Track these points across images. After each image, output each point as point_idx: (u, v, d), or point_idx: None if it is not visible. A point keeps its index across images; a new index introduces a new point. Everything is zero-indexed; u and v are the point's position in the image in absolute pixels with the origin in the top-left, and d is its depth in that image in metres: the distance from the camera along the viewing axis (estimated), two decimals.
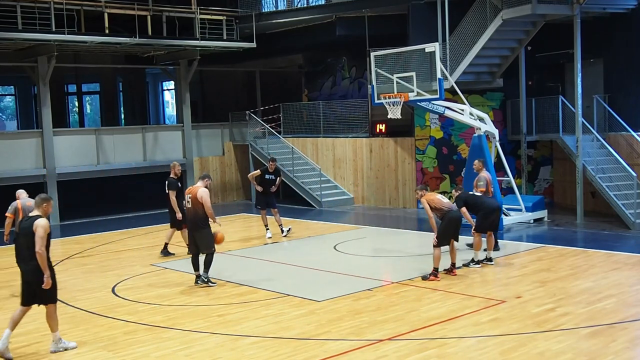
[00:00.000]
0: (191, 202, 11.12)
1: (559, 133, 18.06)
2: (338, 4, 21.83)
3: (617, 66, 18.21)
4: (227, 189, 24.31)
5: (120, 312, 9.90)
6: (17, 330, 9.22)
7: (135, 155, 21.91)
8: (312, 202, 21.38)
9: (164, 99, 32.44)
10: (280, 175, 16.18)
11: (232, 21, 22.16)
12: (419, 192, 11.69)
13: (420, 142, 19.65)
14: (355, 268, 12.35)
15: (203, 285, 11.21)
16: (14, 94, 30.95)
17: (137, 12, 19.82)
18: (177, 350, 8.19)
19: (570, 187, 18.71)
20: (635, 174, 15.94)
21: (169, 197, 13.84)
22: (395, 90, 15.92)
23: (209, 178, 11.61)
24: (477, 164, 13.10)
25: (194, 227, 11.20)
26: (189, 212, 11.29)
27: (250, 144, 23.67)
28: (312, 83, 25.61)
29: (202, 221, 11.10)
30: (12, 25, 17.82)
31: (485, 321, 8.89)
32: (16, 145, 19.68)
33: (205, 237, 11.18)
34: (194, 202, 11.08)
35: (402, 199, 20.22)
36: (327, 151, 22.56)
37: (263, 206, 15.88)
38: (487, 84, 19.44)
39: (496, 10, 17.16)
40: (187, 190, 11.47)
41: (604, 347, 7.76)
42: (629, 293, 10.13)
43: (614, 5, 17.46)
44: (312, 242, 15.47)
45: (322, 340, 8.36)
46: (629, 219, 15.69)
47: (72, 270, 13.25)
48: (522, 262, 12.39)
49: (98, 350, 8.29)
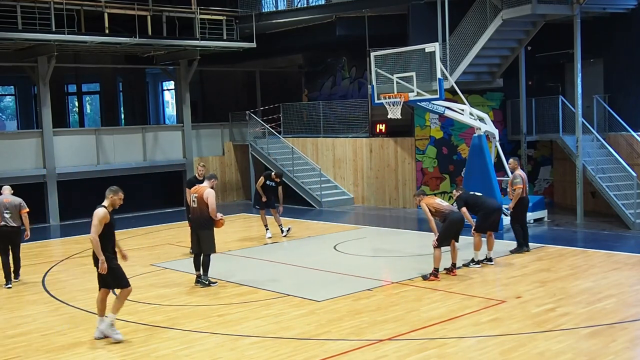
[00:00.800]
0: (197, 201, 11.15)
1: (559, 133, 18.07)
2: (338, 4, 21.84)
3: (617, 66, 18.21)
4: (227, 189, 24.31)
5: (120, 312, 9.87)
6: (17, 330, 9.25)
7: (135, 155, 21.92)
8: (312, 202, 21.38)
9: (164, 99, 32.44)
10: (281, 184, 16.07)
11: (232, 21, 22.16)
12: (417, 197, 11.71)
13: (420, 142, 19.65)
14: (355, 268, 12.35)
15: (204, 286, 11.21)
16: (14, 94, 30.96)
17: (137, 12, 19.82)
18: (177, 350, 8.19)
19: (570, 187, 18.72)
20: (635, 174, 15.94)
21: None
22: (395, 90, 15.92)
23: (216, 178, 11.68)
24: (512, 162, 13.52)
25: (199, 227, 11.24)
26: (194, 212, 11.32)
27: (250, 144, 23.67)
28: (312, 83, 25.60)
29: (206, 221, 11.12)
30: (12, 25, 17.82)
31: (485, 321, 8.89)
32: (16, 145, 19.69)
33: (208, 237, 11.21)
34: (199, 201, 11.12)
35: (402, 199, 20.22)
36: (327, 151, 22.56)
37: (262, 206, 15.88)
38: (487, 84, 19.43)
39: (496, 10, 17.16)
40: (193, 189, 11.49)
41: (604, 347, 7.76)
42: (629, 293, 10.13)
43: (614, 5, 17.46)
44: (312, 242, 15.47)
45: (322, 340, 8.36)
46: (629, 219, 15.69)
47: (72, 270, 13.26)
48: (522, 262, 12.38)
49: (98, 350, 8.29)
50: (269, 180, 15.76)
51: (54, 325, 9.43)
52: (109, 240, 8.57)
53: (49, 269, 13.21)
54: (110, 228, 8.59)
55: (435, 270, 11.18)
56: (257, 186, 15.99)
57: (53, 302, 10.73)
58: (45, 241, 16.76)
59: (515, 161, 13.50)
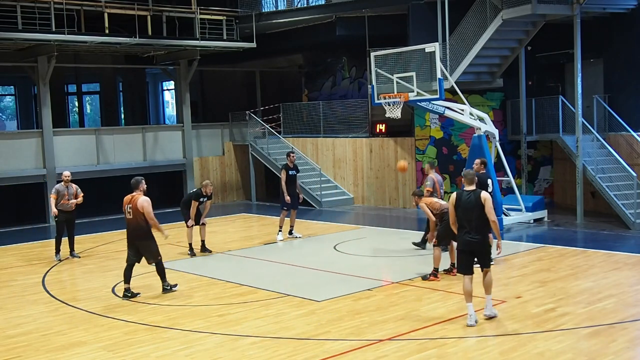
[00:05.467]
0: (132, 212, 10.58)
1: (559, 133, 18.07)
2: (338, 4, 21.84)
3: (617, 66, 18.22)
4: (227, 189, 24.31)
5: (120, 312, 9.90)
6: (17, 330, 9.25)
7: (135, 155, 21.92)
8: (312, 202, 21.38)
9: (164, 99, 32.44)
10: (298, 171, 15.60)
11: (232, 21, 22.16)
12: (415, 198, 11.68)
13: (420, 142, 19.66)
14: (355, 268, 12.35)
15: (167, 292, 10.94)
16: (14, 94, 30.96)
17: (137, 12, 19.82)
18: (177, 350, 8.19)
19: (570, 187, 18.72)
20: (635, 174, 15.94)
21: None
22: (395, 90, 15.93)
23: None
24: (427, 167, 13.48)
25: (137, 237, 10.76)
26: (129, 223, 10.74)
27: (250, 144, 23.67)
28: (312, 83, 25.60)
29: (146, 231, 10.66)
30: (12, 25, 17.82)
31: (485, 321, 8.88)
32: (16, 145, 19.68)
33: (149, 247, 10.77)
34: (134, 212, 10.55)
35: (402, 199, 20.22)
36: (327, 151, 22.56)
37: (288, 207, 15.26)
38: (487, 84, 19.44)
39: (496, 10, 17.16)
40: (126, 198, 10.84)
41: (604, 347, 7.76)
42: (629, 293, 10.13)
43: (614, 5, 17.46)
44: (312, 242, 15.47)
45: (322, 340, 8.36)
46: (629, 219, 15.69)
47: (72, 270, 13.26)
48: (522, 262, 12.39)
49: (98, 350, 8.29)
50: (290, 170, 15.22)
51: (54, 325, 9.44)
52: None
53: (49, 269, 13.21)
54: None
55: (435, 270, 11.18)
56: (282, 183, 15.19)
57: (53, 302, 10.73)
58: (45, 241, 16.75)
59: (428, 165, 13.49)
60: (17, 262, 14.22)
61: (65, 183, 13.82)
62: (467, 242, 8.77)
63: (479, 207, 8.66)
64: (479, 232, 8.71)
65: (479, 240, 8.72)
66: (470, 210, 8.71)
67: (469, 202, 8.74)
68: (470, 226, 8.71)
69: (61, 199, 13.70)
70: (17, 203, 20.61)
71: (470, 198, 8.75)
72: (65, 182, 13.82)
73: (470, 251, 8.80)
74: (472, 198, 8.74)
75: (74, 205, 13.92)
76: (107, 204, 21.68)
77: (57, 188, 13.84)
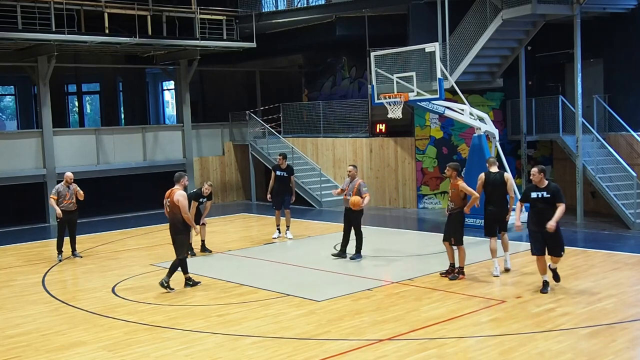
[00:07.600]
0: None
1: (559, 133, 18.06)
2: (338, 4, 21.84)
3: (617, 66, 18.21)
4: (227, 189, 24.30)
5: (120, 312, 9.90)
6: (17, 330, 9.25)
7: (135, 155, 21.91)
8: (312, 202, 21.38)
9: (164, 99, 32.43)
10: (292, 174, 15.72)
11: (232, 21, 22.15)
12: (450, 171, 11.21)
13: (420, 142, 19.66)
14: (355, 268, 12.35)
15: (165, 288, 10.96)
16: (14, 94, 30.96)
17: (137, 12, 19.81)
18: (177, 350, 8.19)
19: (570, 187, 18.69)
20: (635, 174, 15.94)
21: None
22: (395, 90, 15.92)
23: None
24: (352, 169, 13.14)
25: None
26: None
27: (250, 144, 23.67)
28: (312, 83, 25.60)
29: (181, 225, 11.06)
30: (12, 25, 17.80)
31: (485, 321, 8.89)
32: (16, 145, 19.67)
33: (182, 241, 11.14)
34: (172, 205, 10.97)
35: (402, 199, 20.22)
36: (327, 151, 22.56)
37: (278, 206, 15.64)
38: (487, 84, 19.43)
39: (496, 10, 17.16)
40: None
41: (604, 347, 7.76)
42: (629, 293, 10.13)
43: (614, 5, 17.46)
44: (312, 242, 15.47)
45: (322, 340, 8.36)
46: (629, 219, 15.69)
47: (72, 270, 13.26)
48: (522, 262, 12.37)
49: (98, 350, 8.28)
50: (279, 171, 15.44)
51: (53, 325, 9.43)
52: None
53: (49, 269, 13.21)
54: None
55: (461, 268, 11.18)
56: (270, 182, 15.55)
57: (53, 302, 10.72)
58: (45, 241, 16.75)
59: (354, 169, 13.19)
60: (16, 262, 14.21)
61: (66, 184, 13.84)
62: (492, 212, 11.20)
63: (503, 185, 11.23)
64: (501, 204, 11.24)
65: (501, 211, 11.25)
66: (497, 187, 11.17)
67: (495, 180, 11.20)
68: (495, 199, 11.16)
69: (62, 200, 13.74)
70: (17, 203, 20.60)
71: (496, 177, 11.24)
72: (67, 183, 13.85)
73: (495, 219, 11.21)
74: (497, 177, 11.26)
75: (78, 198, 13.93)
76: (107, 203, 21.73)
77: (57, 189, 13.85)
